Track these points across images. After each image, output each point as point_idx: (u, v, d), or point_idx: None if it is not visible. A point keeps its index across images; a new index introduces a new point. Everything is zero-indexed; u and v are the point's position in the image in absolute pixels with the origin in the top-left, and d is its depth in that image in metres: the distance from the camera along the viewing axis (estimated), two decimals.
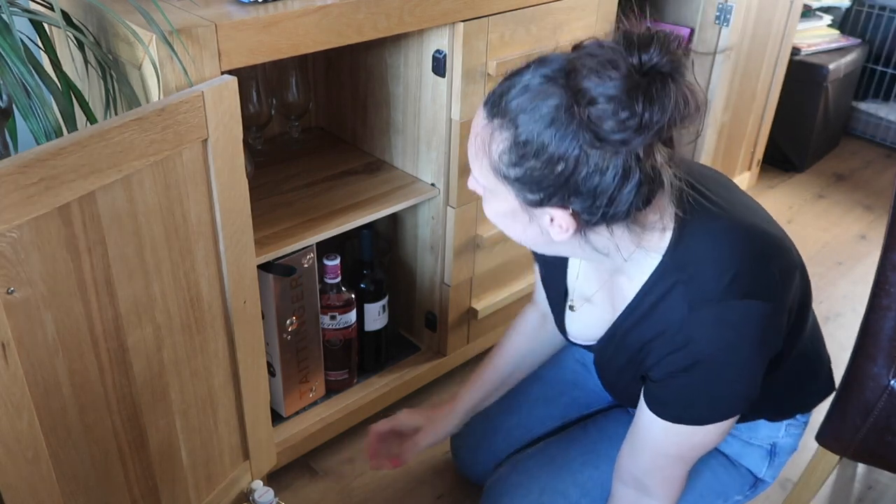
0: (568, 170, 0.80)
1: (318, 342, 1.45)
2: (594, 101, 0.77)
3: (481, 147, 0.86)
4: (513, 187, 0.85)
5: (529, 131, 0.80)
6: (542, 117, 0.80)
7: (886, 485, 1.53)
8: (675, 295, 0.91)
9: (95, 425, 0.98)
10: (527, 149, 0.81)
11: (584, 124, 0.78)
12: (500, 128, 0.83)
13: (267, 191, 1.42)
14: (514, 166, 0.83)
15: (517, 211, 0.88)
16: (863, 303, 1.20)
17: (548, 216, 0.86)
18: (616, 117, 0.77)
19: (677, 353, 0.92)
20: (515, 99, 0.82)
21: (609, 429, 1.25)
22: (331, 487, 1.48)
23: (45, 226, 0.83)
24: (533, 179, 0.82)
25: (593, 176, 0.80)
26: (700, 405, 0.96)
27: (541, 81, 0.81)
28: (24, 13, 0.99)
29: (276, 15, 1.06)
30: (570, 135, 0.79)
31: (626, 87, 0.76)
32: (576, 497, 1.18)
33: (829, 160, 2.81)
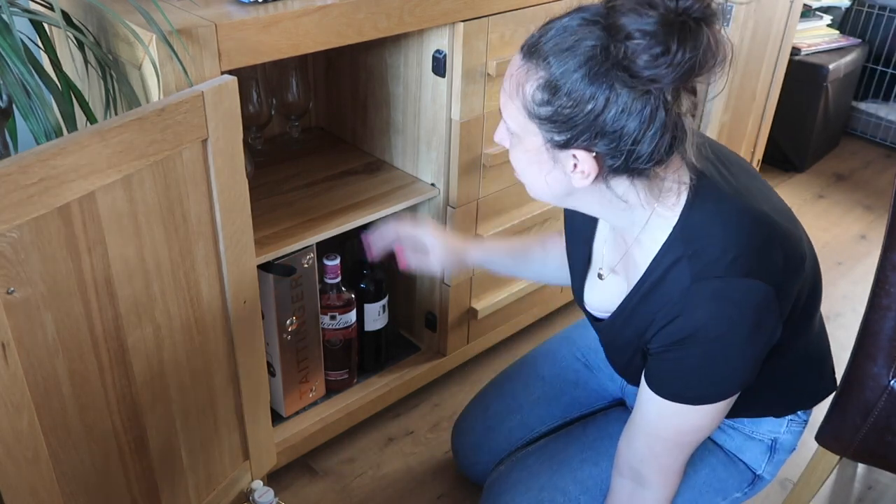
0: (597, 109, 0.83)
1: (318, 342, 1.45)
2: (630, 36, 0.80)
3: (515, 88, 0.88)
4: (541, 128, 0.87)
5: (564, 70, 0.83)
6: (577, 56, 0.82)
7: (886, 485, 1.53)
8: (679, 268, 0.93)
9: (95, 425, 0.98)
10: (559, 87, 0.84)
11: (619, 62, 0.81)
12: (536, 67, 0.85)
13: (267, 191, 1.42)
14: (546, 104, 0.85)
15: (542, 154, 0.90)
16: (863, 303, 1.20)
17: (571, 160, 0.88)
18: (650, 51, 0.79)
19: (673, 323, 0.93)
20: (553, 39, 0.84)
21: (609, 427, 1.25)
22: (331, 487, 1.48)
23: (45, 226, 0.83)
24: (562, 118, 0.85)
25: (621, 116, 0.83)
26: (694, 382, 0.96)
27: (579, 23, 0.84)
28: (24, 13, 0.99)
29: (276, 15, 1.06)
30: (602, 74, 0.81)
31: (662, 24, 0.79)
32: (575, 494, 1.18)
33: (829, 160, 2.81)
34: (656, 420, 1.01)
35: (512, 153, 0.95)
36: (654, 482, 1.06)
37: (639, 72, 0.80)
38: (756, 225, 0.93)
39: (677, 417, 0.99)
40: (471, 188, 1.47)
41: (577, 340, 1.41)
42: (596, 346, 1.37)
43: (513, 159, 0.96)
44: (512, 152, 0.95)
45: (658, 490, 1.06)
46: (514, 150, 0.94)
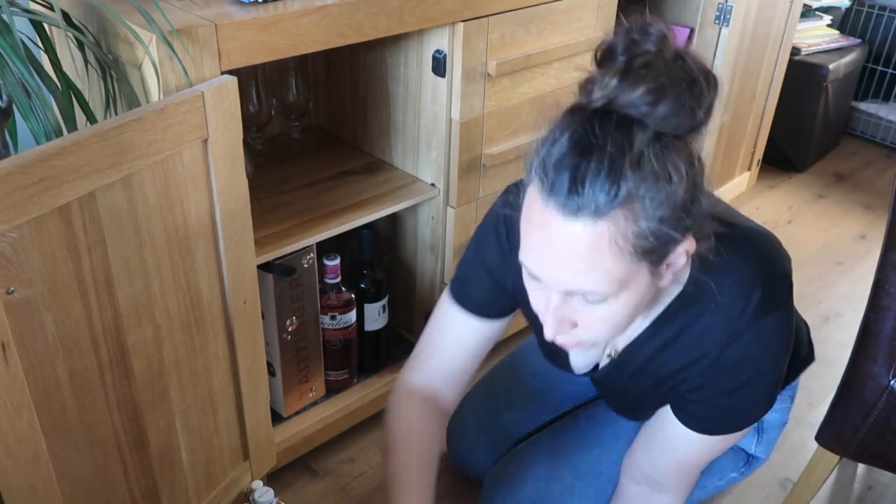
0: (690, 178, 0.76)
1: (318, 342, 1.45)
2: (660, 114, 0.74)
3: (612, 248, 0.75)
4: (648, 258, 0.78)
5: (656, 179, 0.74)
6: (652, 158, 0.74)
7: (886, 485, 1.53)
8: (705, 322, 0.92)
9: (95, 425, 0.98)
10: (668, 190, 0.75)
11: (674, 142, 0.75)
12: (628, 213, 0.75)
13: (267, 191, 1.42)
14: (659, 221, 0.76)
15: (646, 284, 0.81)
16: (863, 303, 1.19)
17: (679, 253, 0.81)
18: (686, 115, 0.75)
19: (724, 376, 0.94)
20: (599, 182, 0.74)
21: (598, 416, 1.27)
22: (331, 487, 1.48)
23: (45, 226, 0.83)
24: (674, 216, 0.76)
25: (698, 172, 0.78)
26: (740, 416, 0.99)
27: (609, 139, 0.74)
28: (24, 13, 0.99)
29: (276, 15, 1.06)
30: (670, 154, 0.75)
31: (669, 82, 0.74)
32: (570, 480, 1.19)
33: (829, 160, 2.81)
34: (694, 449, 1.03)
35: (588, 323, 0.84)
36: (673, 489, 1.08)
37: (686, 140, 0.76)
38: (757, 251, 0.93)
39: (717, 445, 1.02)
40: (471, 188, 1.47)
41: None
42: None
43: (588, 328, 0.84)
44: (588, 321, 0.83)
45: (677, 493, 1.09)
46: (615, 303, 0.81)
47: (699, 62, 0.77)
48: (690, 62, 0.76)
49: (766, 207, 2.50)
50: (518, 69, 1.41)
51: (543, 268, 0.80)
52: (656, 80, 0.74)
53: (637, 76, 0.74)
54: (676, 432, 1.02)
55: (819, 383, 1.76)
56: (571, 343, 0.87)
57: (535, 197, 0.78)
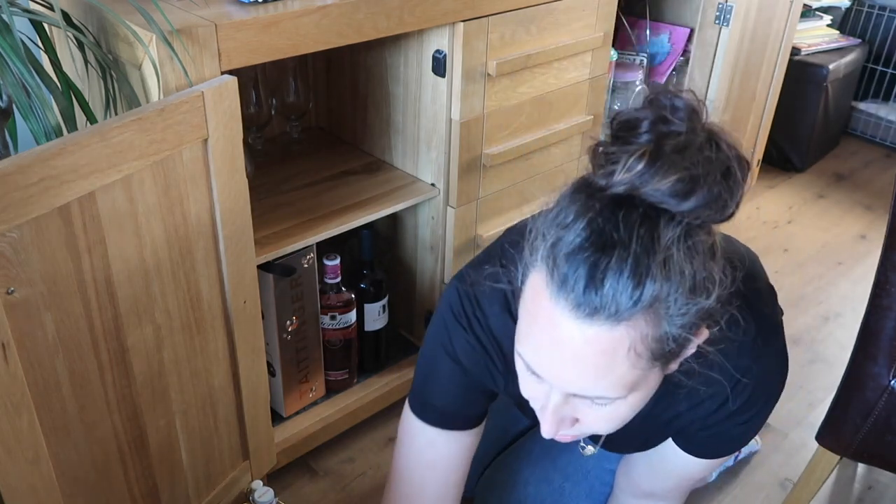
0: (711, 275, 0.70)
1: (318, 342, 1.45)
2: (690, 208, 0.67)
3: (629, 354, 0.69)
4: (662, 360, 0.72)
5: (684, 284, 0.67)
6: (680, 261, 0.66)
7: (886, 485, 1.53)
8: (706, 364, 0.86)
9: (95, 425, 0.98)
10: (695, 296, 0.68)
11: (698, 227, 0.68)
12: (651, 317, 0.68)
13: (267, 191, 1.42)
14: (681, 327, 0.69)
15: (654, 383, 0.75)
16: (863, 303, 1.19)
17: (692, 345, 0.75)
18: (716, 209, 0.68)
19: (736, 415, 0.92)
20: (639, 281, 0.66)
21: None
22: (331, 487, 1.48)
23: (45, 226, 0.83)
24: (696, 319, 0.70)
25: (718, 265, 0.71)
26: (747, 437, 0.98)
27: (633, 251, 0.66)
28: (24, 13, 0.99)
29: (276, 15, 1.06)
30: (700, 245, 0.69)
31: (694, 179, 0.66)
32: (559, 481, 1.19)
33: (829, 160, 2.81)
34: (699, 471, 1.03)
35: (591, 421, 0.78)
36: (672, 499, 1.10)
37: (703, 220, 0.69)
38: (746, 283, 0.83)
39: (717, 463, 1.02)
40: (471, 188, 1.47)
41: None
42: None
43: (590, 425, 0.78)
44: (591, 420, 0.77)
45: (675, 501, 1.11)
46: (603, 411, 0.76)
47: (732, 145, 0.69)
48: (724, 146, 0.68)
49: (766, 207, 2.50)
50: (518, 69, 1.41)
51: (548, 368, 0.72)
52: (689, 170, 0.65)
53: (668, 163, 0.65)
54: (680, 459, 1.01)
55: (819, 383, 1.76)
56: (570, 437, 0.81)
57: (540, 288, 0.69)
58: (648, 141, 0.66)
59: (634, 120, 0.68)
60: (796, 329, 1.94)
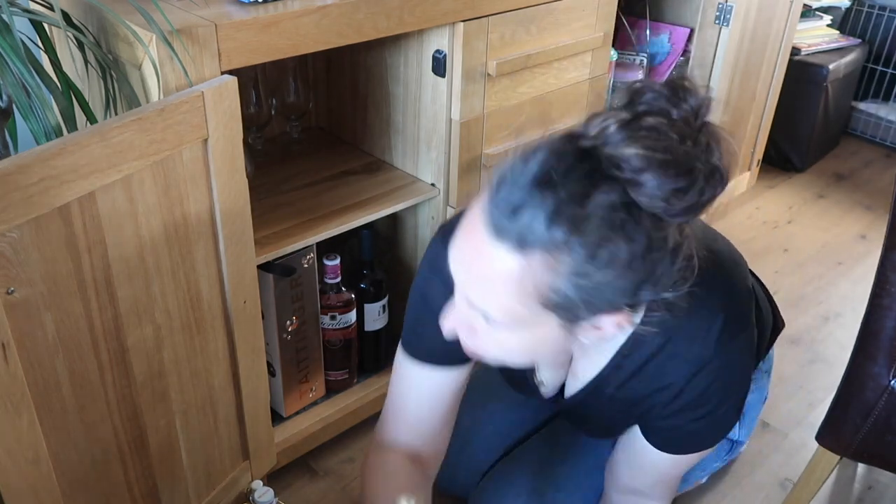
0: (645, 266, 0.71)
1: (318, 342, 1.45)
2: (641, 185, 0.68)
3: (513, 282, 0.72)
4: (562, 313, 0.74)
5: (590, 246, 0.69)
6: (599, 226, 0.68)
7: (886, 485, 1.53)
8: (671, 350, 0.90)
9: (95, 425, 0.98)
10: (590, 271, 0.70)
11: (645, 213, 0.69)
12: (551, 257, 0.70)
13: (267, 191, 1.42)
14: (576, 288, 0.71)
15: (555, 334, 0.78)
16: (863, 303, 1.19)
17: (594, 324, 0.77)
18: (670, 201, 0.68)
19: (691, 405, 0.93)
20: (556, 222, 0.69)
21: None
22: (331, 487, 1.48)
23: (45, 226, 0.83)
24: (599, 292, 0.72)
25: (664, 259, 0.72)
26: (711, 436, 1.00)
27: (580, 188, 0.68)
28: (24, 13, 0.99)
29: (276, 15, 1.06)
30: (640, 228, 0.69)
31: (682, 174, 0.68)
32: (552, 493, 1.19)
33: (829, 160, 2.81)
34: (670, 467, 1.04)
35: (493, 337, 0.80)
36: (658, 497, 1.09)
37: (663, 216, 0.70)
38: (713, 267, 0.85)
39: (691, 459, 1.03)
40: (471, 188, 1.47)
41: None
42: None
43: (484, 340, 0.81)
44: (494, 336, 0.80)
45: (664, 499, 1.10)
46: (498, 333, 0.79)
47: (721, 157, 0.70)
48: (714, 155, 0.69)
49: (766, 207, 2.50)
50: (518, 69, 1.41)
51: (457, 267, 0.78)
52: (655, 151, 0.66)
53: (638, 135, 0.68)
54: (650, 454, 1.02)
55: (819, 383, 1.76)
56: (468, 350, 0.84)
57: (481, 200, 0.74)
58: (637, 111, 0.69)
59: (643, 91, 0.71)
60: (796, 329, 1.94)
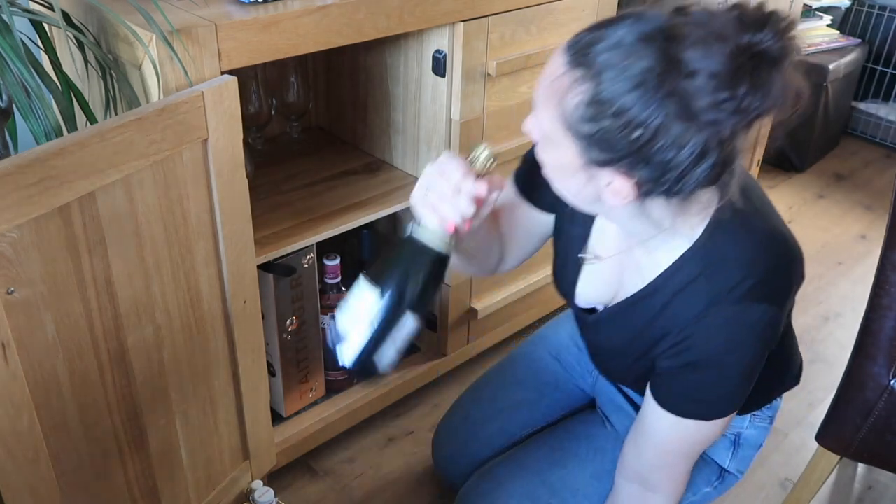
0: (644, 137, 0.76)
1: (318, 342, 1.45)
2: (693, 75, 0.73)
3: (554, 95, 0.80)
4: (579, 143, 0.80)
5: (613, 90, 0.75)
6: (629, 78, 0.74)
7: (886, 485, 1.53)
8: (696, 287, 0.91)
9: (95, 425, 0.98)
10: (606, 107, 0.76)
11: (675, 95, 0.74)
12: (582, 79, 0.77)
13: (267, 191, 1.42)
14: (588, 122, 0.78)
15: (575, 168, 0.83)
16: (863, 303, 1.20)
17: (606, 179, 0.82)
18: (713, 96, 0.73)
19: (686, 345, 0.93)
20: (605, 53, 0.76)
21: (576, 429, 1.26)
22: (331, 487, 1.48)
23: (45, 226, 0.83)
24: (604, 139, 0.78)
25: (670, 149, 0.76)
26: (708, 401, 0.98)
27: (636, 39, 0.75)
28: (24, 13, 0.99)
29: (276, 15, 1.06)
30: (656, 102, 0.74)
31: (732, 66, 0.72)
32: (545, 497, 1.18)
33: (829, 160, 2.81)
34: (668, 435, 1.02)
35: (541, 152, 0.88)
36: (663, 487, 1.07)
37: (698, 113, 0.74)
38: (774, 247, 0.92)
39: (690, 431, 1.00)
40: None
41: (549, 338, 1.40)
42: (567, 344, 1.37)
43: (541, 157, 0.89)
44: (541, 152, 0.88)
45: (668, 494, 1.07)
46: (545, 152, 0.87)
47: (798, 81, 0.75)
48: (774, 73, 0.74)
49: None
50: (518, 69, 1.41)
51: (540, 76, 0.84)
52: (716, 37, 0.72)
53: (706, 27, 0.73)
54: (653, 417, 1.01)
55: (819, 383, 1.76)
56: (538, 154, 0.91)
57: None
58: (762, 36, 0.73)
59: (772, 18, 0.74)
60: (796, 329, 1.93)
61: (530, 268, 1.70)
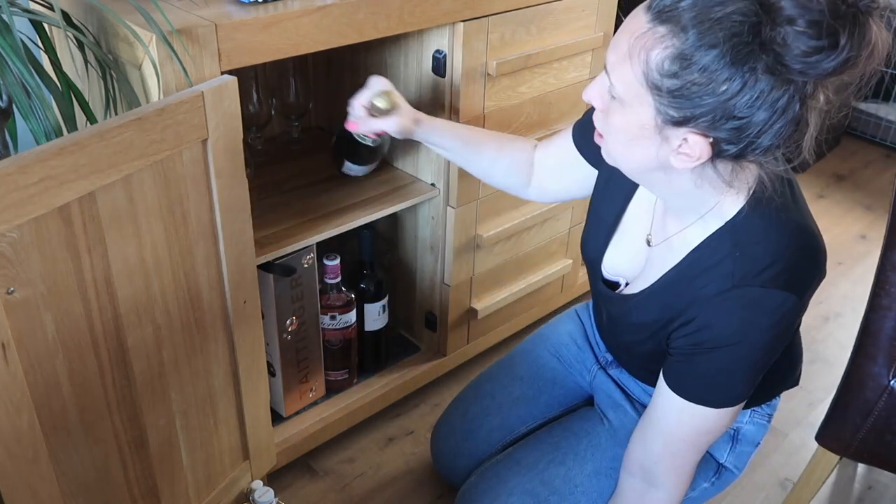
0: (731, 92, 0.76)
1: (318, 342, 1.45)
2: (792, 21, 0.72)
3: (638, 52, 0.79)
4: (658, 100, 0.80)
5: (703, 43, 0.75)
6: (721, 30, 0.74)
7: (886, 485, 1.53)
8: (722, 267, 0.92)
9: (95, 425, 0.98)
10: (694, 61, 0.76)
11: (768, 45, 0.73)
12: (668, 35, 0.77)
13: (267, 191, 1.42)
14: (673, 77, 0.78)
15: (647, 128, 0.83)
16: (863, 303, 1.20)
17: (681, 139, 0.82)
18: (810, 43, 0.72)
19: (702, 324, 0.93)
20: (695, 4, 0.75)
21: (574, 426, 1.26)
22: (331, 487, 1.48)
23: (45, 226, 0.83)
24: (687, 96, 0.78)
25: (755, 104, 0.76)
26: (719, 386, 0.97)
27: None
28: (24, 13, 0.99)
29: (276, 15, 1.06)
30: (747, 55, 0.74)
31: (832, 13, 0.71)
32: (544, 494, 1.18)
33: (829, 160, 2.81)
34: (676, 422, 1.02)
35: (605, 117, 0.88)
36: (666, 482, 1.07)
37: (789, 62, 0.73)
38: (805, 239, 0.93)
39: (698, 419, 1.00)
40: (471, 188, 1.47)
41: (549, 336, 1.41)
42: (567, 342, 1.37)
43: (604, 122, 0.89)
44: (606, 116, 0.88)
45: (670, 490, 1.07)
46: (612, 115, 0.87)
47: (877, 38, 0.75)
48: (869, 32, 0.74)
49: None
50: (518, 69, 1.41)
51: (616, 36, 0.84)
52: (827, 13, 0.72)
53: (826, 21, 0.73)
54: (664, 402, 1.01)
55: (819, 383, 1.76)
56: (597, 130, 0.94)
57: None
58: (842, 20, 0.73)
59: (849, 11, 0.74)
60: None
61: (530, 268, 1.70)
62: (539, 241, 1.68)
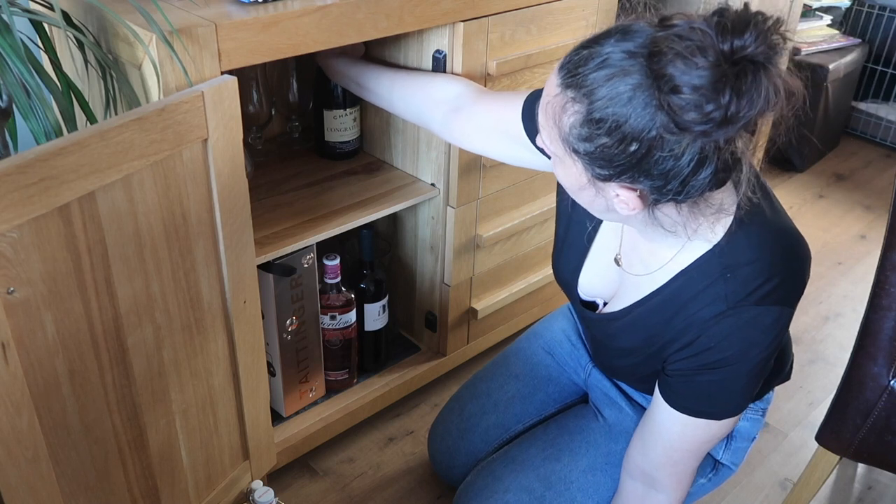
0: (641, 151, 0.78)
1: (318, 342, 1.45)
2: (678, 90, 0.73)
3: (552, 116, 0.83)
4: (581, 161, 0.83)
5: (605, 108, 0.77)
6: (619, 95, 0.76)
7: (886, 485, 1.53)
8: (715, 289, 0.92)
9: (95, 425, 0.98)
10: (600, 126, 0.78)
11: (664, 108, 0.75)
12: (574, 100, 0.80)
13: (267, 191, 1.42)
14: (585, 141, 0.80)
15: (583, 182, 0.86)
16: (863, 303, 1.20)
17: (614, 192, 0.84)
18: (700, 109, 0.73)
19: (701, 345, 0.94)
20: (593, 73, 0.78)
21: (569, 424, 1.27)
22: (331, 487, 1.48)
23: (45, 226, 0.83)
24: (603, 156, 0.80)
25: (667, 160, 0.78)
26: (719, 401, 0.98)
27: (622, 57, 0.77)
28: (24, 13, 0.99)
29: (276, 15, 1.06)
30: (647, 116, 0.76)
31: (714, 77, 0.72)
32: (540, 491, 1.19)
33: (829, 160, 2.81)
34: (678, 434, 1.02)
35: (554, 168, 0.91)
36: (667, 486, 1.08)
37: (686, 125, 0.74)
38: (792, 248, 0.93)
39: (700, 431, 1.01)
40: (471, 188, 1.47)
41: (542, 333, 1.41)
42: (560, 339, 1.37)
43: (556, 173, 0.92)
44: (554, 167, 0.91)
45: (671, 493, 1.08)
46: (556, 166, 0.90)
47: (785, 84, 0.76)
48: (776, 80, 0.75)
49: None
50: (518, 69, 1.41)
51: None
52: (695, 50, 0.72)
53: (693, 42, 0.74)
54: (663, 416, 1.02)
55: (819, 383, 1.76)
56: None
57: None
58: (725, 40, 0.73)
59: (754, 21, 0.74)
60: (796, 329, 1.94)
61: (530, 268, 1.70)
62: (539, 241, 1.68)
